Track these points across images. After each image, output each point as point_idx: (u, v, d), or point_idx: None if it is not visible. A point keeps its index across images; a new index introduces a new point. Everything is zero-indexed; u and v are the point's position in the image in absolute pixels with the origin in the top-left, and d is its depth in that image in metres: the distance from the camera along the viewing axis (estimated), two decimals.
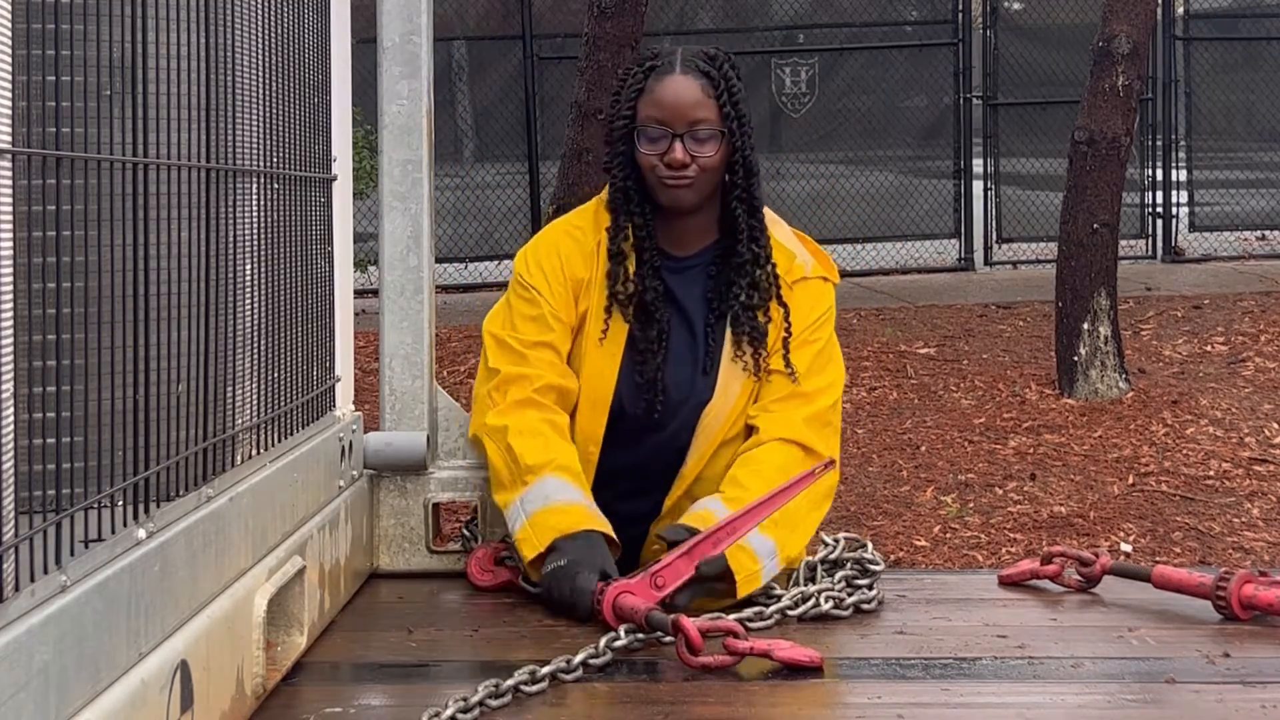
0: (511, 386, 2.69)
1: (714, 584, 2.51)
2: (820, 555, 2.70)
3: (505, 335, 2.73)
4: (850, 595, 2.58)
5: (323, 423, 2.59)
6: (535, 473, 2.60)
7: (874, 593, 2.60)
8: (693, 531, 2.51)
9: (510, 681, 2.14)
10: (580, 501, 2.60)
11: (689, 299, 2.76)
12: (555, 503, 2.58)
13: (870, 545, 2.72)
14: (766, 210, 2.80)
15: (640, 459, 2.73)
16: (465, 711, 2.06)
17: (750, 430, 2.71)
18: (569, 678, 2.21)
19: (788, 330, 2.73)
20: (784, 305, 2.74)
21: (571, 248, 2.76)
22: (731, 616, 2.45)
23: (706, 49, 2.75)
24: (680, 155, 2.65)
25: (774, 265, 2.75)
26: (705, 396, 2.71)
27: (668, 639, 2.31)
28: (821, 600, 2.55)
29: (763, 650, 2.26)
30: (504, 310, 2.78)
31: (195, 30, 1.91)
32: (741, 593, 2.51)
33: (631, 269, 2.72)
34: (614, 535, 2.58)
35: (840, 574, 2.64)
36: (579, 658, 2.23)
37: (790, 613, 2.52)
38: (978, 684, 2.24)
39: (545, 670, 2.19)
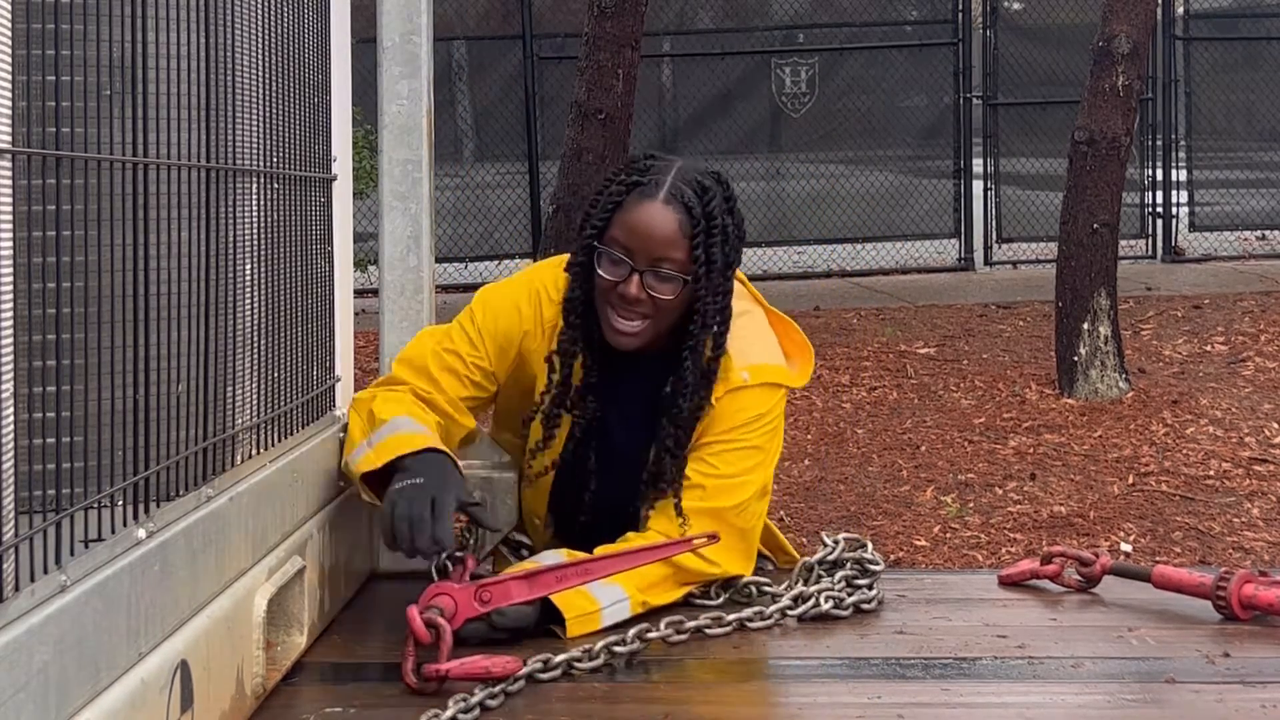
0: (398, 384, 2.60)
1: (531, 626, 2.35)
2: (819, 556, 2.70)
3: (429, 350, 2.61)
4: (850, 595, 2.58)
5: (323, 423, 2.59)
6: (385, 418, 2.50)
7: (874, 593, 2.60)
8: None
9: (505, 684, 2.15)
10: (428, 433, 2.48)
11: (630, 398, 2.63)
12: (402, 432, 2.46)
13: (870, 545, 2.72)
14: (744, 295, 2.65)
15: (591, 528, 2.66)
16: (466, 712, 2.06)
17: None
18: (562, 677, 2.21)
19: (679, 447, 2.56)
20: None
21: (533, 316, 2.63)
22: (731, 616, 2.45)
23: (704, 177, 2.54)
24: (635, 291, 2.49)
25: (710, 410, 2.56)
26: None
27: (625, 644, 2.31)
28: (821, 600, 2.55)
29: (444, 673, 2.14)
30: (445, 331, 2.66)
31: (195, 30, 1.91)
32: (573, 632, 2.35)
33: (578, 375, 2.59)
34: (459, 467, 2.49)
35: (840, 574, 2.64)
36: (563, 656, 2.24)
37: (790, 613, 2.52)
38: (978, 684, 2.24)
39: (546, 673, 2.20)
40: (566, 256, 2.66)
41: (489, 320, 2.64)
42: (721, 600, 2.57)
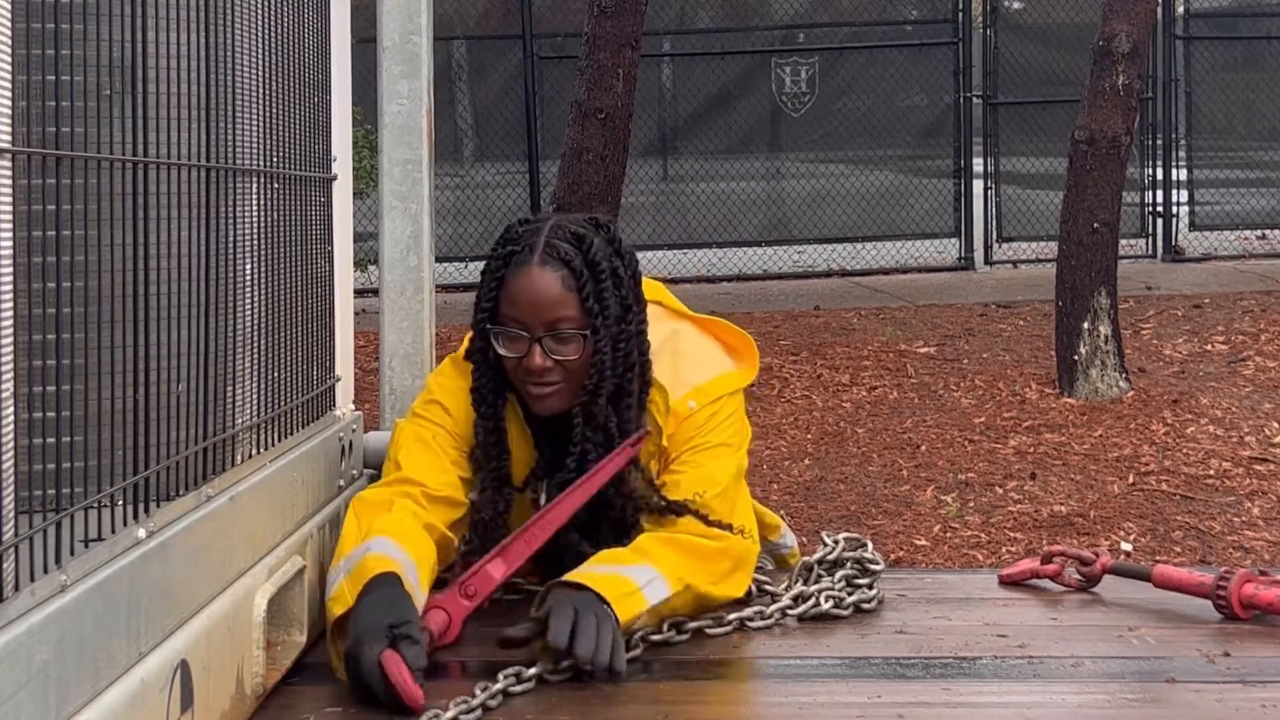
0: (405, 484, 2.45)
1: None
2: (819, 555, 2.70)
3: (430, 443, 2.50)
4: (850, 595, 2.58)
5: (323, 422, 2.58)
6: (370, 536, 2.33)
7: (874, 592, 2.60)
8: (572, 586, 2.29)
9: (506, 684, 2.15)
10: (395, 557, 2.28)
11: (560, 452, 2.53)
12: (373, 553, 2.27)
13: (870, 545, 2.72)
14: (663, 315, 2.59)
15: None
16: (468, 712, 2.06)
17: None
18: (570, 678, 2.21)
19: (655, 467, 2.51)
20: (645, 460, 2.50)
21: (465, 409, 2.54)
22: (732, 616, 2.46)
23: (578, 227, 2.46)
24: (539, 361, 2.41)
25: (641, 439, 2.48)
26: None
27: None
28: (821, 600, 2.55)
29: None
30: (425, 423, 2.53)
31: (195, 30, 1.91)
32: (623, 611, 2.27)
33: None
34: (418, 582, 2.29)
35: (840, 574, 2.64)
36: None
37: (790, 612, 2.52)
38: (978, 684, 2.24)
39: (555, 674, 2.20)
40: (448, 368, 2.57)
41: (458, 409, 2.53)
42: None
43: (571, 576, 2.33)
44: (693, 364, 2.56)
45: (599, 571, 2.34)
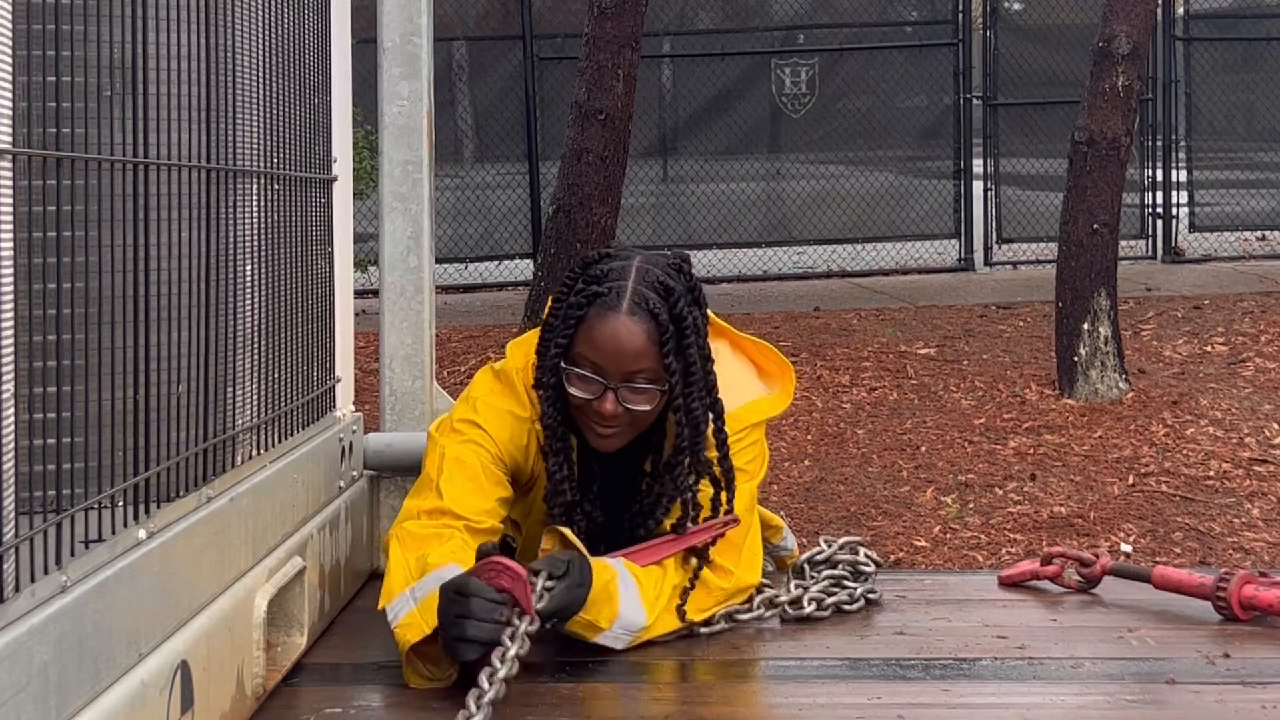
0: (447, 516, 2.40)
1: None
2: (808, 555, 2.71)
3: (473, 463, 2.44)
4: (832, 596, 2.58)
5: (323, 423, 2.59)
6: (434, 566, 2.29)
7: (860, 590, 2.60)
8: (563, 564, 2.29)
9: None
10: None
11: (618, 481, 2.55)
12: (448, 580, 2.24)
13: (862, 549, 2.72)
14: (713, 329, 2.55)
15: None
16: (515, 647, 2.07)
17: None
18: (565, 676, 2.21)
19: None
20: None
21: (520, 432, 2.50)
22: (720, 627, 2.46)
23: (665, 278, 2.42)
24: (610, 408, 2.38)
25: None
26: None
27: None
28: (805, 603, 2.55)
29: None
30: (471, 440, 2.47)
31: (195, 30, 1.92)
32: (570, 628, 2.30)
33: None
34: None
35: (828, 573, 2.64)
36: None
37: (769, 609, 2.52)
38: (978, 684, 2.24)
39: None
40: (530, 340, 2.52)
41: (501, 433, 2.48)
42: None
43: (600, 572, 2.31)
44: (728, 388, 2.52)
45: (616, 587, 2.33)
